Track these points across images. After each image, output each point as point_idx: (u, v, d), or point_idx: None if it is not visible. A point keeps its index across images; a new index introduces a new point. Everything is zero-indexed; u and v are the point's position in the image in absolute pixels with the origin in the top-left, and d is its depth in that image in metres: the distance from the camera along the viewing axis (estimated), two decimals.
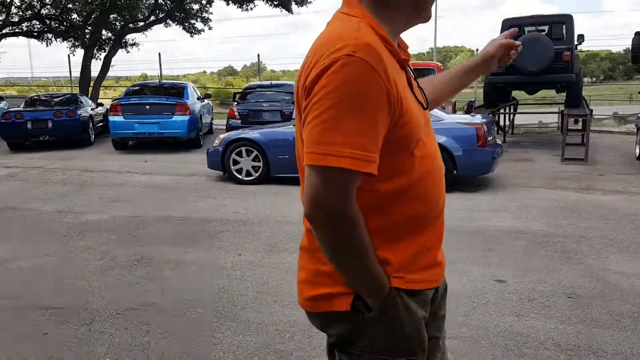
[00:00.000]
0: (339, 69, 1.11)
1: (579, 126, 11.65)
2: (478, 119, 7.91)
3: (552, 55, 10.60)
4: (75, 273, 4.40)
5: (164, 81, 14.46)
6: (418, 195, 1.27)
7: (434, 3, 1.30)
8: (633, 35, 14.72)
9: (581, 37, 11.54)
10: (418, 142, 1.25)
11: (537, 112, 16.45)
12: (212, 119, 14.63)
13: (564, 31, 11.72)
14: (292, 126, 8.35)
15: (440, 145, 7.05)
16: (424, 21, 1.31)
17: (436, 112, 7.99)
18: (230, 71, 73.34)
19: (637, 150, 9.95)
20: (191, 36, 16.74)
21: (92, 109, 13.54)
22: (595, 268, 4.33)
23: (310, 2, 16.43)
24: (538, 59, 10.51)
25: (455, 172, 7.21)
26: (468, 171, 7.35)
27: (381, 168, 1.18)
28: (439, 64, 13.36)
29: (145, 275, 4.30)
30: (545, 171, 8.87)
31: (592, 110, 10.70)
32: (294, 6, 16.73)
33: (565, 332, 3.22)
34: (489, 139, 7.39)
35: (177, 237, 5.38)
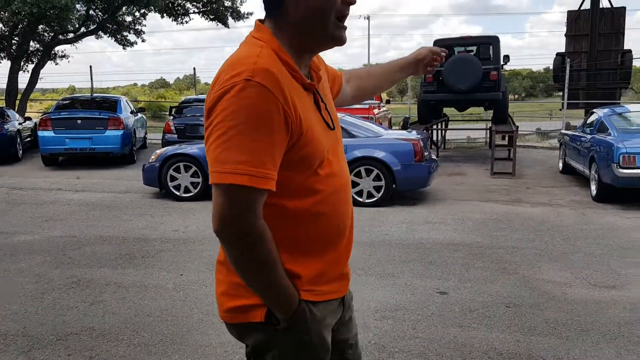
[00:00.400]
0: (237, 92, 1.18)
1: (506, 141, 12.26)
2: (415, 135, 8.15)
3: (480, 74, 11.12)
4: (9, 298, 4.15)
5: (96, 94, 13.96)
6: (325, 212, 1.34)
7: (344, 24, 1.34)
8: (554, 56, 15.80)
9: (507, 58, 12.17)
10: (322, 162, 1.31)
11: (466, 129, 17.15)
12: (145, 133, 14.25)
13: (491, 52, 12.33)
14: None
15: (379, 160, 7.33)
16: (338, 44, 1.35)
17: (375, 128, 8.19)
18: (162, 83, 71.82)
19: (561, 165, 10.56)
20: (124, 48, 16.30)
21: (20, 123, 12.87)
22: (529, 278, 4.54)
23: (247, 17, 16.43)
24: (468, 78, 11.00)
25: (394, 186, 7.39)
26: (406, 185, 7.55)
27: (287, 187, 1.26)
28: None
29: (84, 299, 4.11)
30: (477, 184, 9.24)
31: (518, 127, 11.27)
32: (230, 20, 16.65)
33: (506, 341, 3.36)
34: (425, 154, 7.63)
35: (115, 257, 5.18)
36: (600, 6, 15.09)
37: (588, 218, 6.78)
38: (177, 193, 7.96)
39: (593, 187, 7.97)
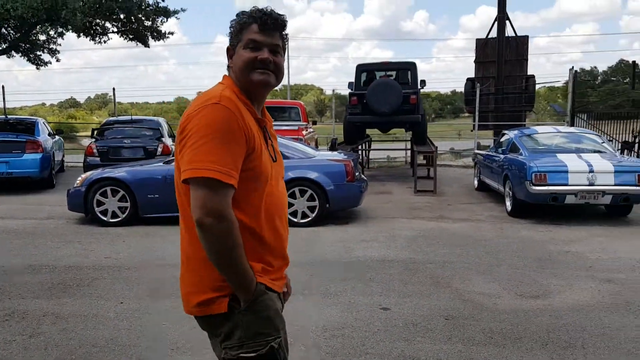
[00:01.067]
0: (207, 112, 1.57)
1: (425, 161, 12.89)
2: (346, 155, 8.43)
3: (401, 98, 11.70)
4: None
5: (10, 116, 13.17)
6: (269, 225, 1.71)
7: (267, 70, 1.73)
8: (465, 81, 16.87)
9: (423, 82, 12.88)
10: (266, 182, 1.69)
11: (387, 149, 17.83)
12: (63, 156, 13.61)
13: (409, 77, 12.99)
14: (161, 164, 8.15)
15: (312, 180, 7.50)
16: (264, 85, 1.74)
17: (307, 149, 8.37)
18: (72, 103, 68.55)
19: (476, 182, 11.26)
20: (37, 68, 15.49)
21: None
22: (462, 291, 4.84)
23: (168, 37, 16.23)
24: (389, 101, 11.54)
25: (327, 205, 7.58)
26: (339, 205, 7.77)
27: (239, 201, 1.61)
28: (301, 102, 14.04)
29: (21, 331, 3.91)
30: (403, 202, 9.65)
31: (437, 147, 11.91)
32: (150, 40, 16.35)
33: (450, 352, 3.58)
34: (356, 174, 7.91)
35: (49, 287, 4.95)
36: (506, 34, 16.34)
37: (506, 232, 7.30)
38: (104, 218, 7.70)
39: (508, 203, 8.59)
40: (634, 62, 12.42)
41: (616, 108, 22.55)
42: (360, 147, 13.88)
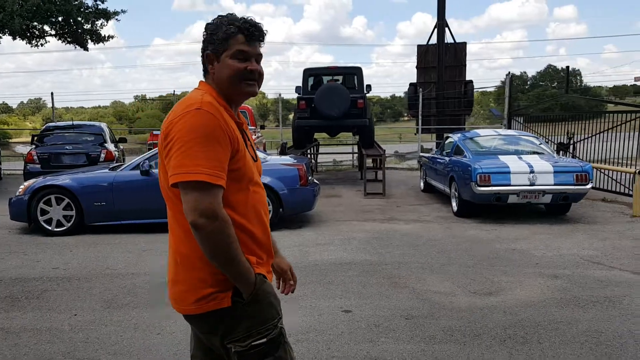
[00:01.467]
0: (190, 117, 1.61)
1: (373, 164, 13.12)
2: (298, 160, 8.46)
3: (349, 102, 11.86)
4: None
5: None
6: (258, 221, 1.78)
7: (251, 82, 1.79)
8: (408, 86, 17.29)
9: (369, 87, 13.11)
10: (250, 181, 1.75)
11: (334, 153, 18.00)
12: (0, 164, 12.92)
13: (356, 81, 13.20)
14: (106, 170, 7.91)
15: (265, 185, 7.47)
16: (251, 96, 1.82)
17: (259, 154, 8.33)
18: (4, 108, 65.07)
19: (422, 184, 11.56)
20: None
21: None
22: (418, 290, 4.98)
23: (108, 40, 15.71)
24: (338, 105, 11.67)
25: (281, 210, 7.58)
26: (293, 209, 7.79)
27: (229, 200, 1.66)
28: (249, 107, 13.94)
29: None
30: (354, 205, 9.79)
31: (384, 150, 12.15)
32: (89, 43, 15.76)
33: (412, 352, 3.68)
34: (309, 178, 7.95)
35: None
36: (445, 41, 16.88)
37: (454, 231, 7.54)
38: (49, 227, 7.39)
39: (454, 204, 8.88)
40: (567, 67, 13.11)
41: (545, 111, 23.75)
42: (308, 151, 13.96)
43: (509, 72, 14.00)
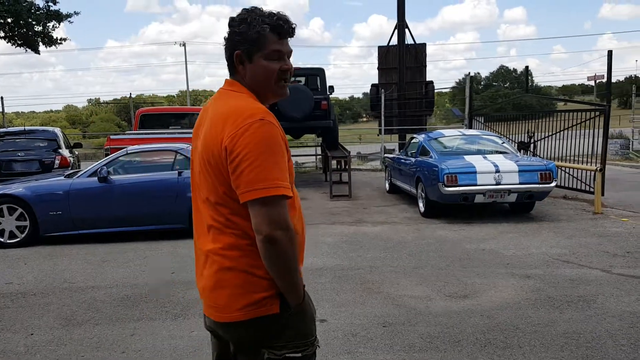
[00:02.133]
0: (257, 129, 1.55)
1: (337, 166, 13.03)
2: None
3: (312, 104, 11.72)
4: None
5: None
6: (300, 222, 1.76)
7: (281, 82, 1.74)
8: (370, 87, 17.31)
9: (332, 88, 13.02)
10: (294, 183, 1.72)
11: (298, 155, 17.82)
12: None
13: (319, 82, 13.09)
14: (62, 177, 7.54)
15: None
16: (282, 98, 1.80)
17: None
18: None
19: (387, 185, 11.54)
20: None
21: None
22: (393, 295, 4.88)
23: (61, 43, 15.08)
24: (301, 107, 11.52)
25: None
26: None
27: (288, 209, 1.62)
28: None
29: None
30: (321, 208, 9.66)
31: (349, 152, 12.07)
32: (41, 46, 15.09)
33: None
34: None
35: None
36: (406, 43, 16.97)
37: (423, 233, 7.51)
38: (1, 239, 6.99)
39: (421, 205, 8.87)
40: (526, 67, 13.33)
41: (498, 111, 24.23)
42: None
43: (469, 72, 14.18)
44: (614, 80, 13.47)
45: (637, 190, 11.39)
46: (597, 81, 44.19)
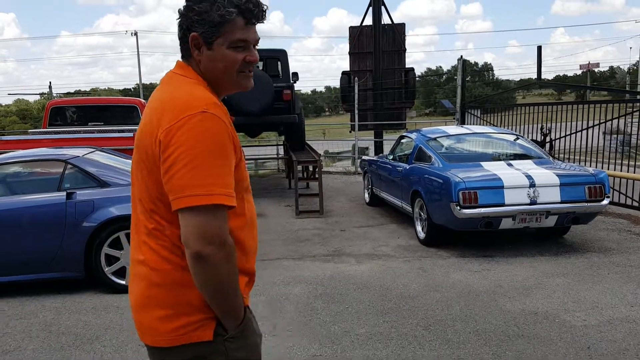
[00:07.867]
0: (197, 123, 1.32)
1: (301, 171, 10.63)
2: None
3: (272, 94, 9.24)
4: None
5: None
6: (250, 232, 1.52)
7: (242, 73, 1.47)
8: (341, 75, 14.88)
9: (295, 76, 10.58)
10: (247, 189, 1.52)
11: (255, 158, 15.21)
12: None
13: (280, 67, 10.67)
14: None
15: None
16: (243, 90, 1.54)
17: None
18: None
19: (367, 196, 9.21)
20: None
21: None
22: None
23: None
24: (259, 98, 9.00)
25: None
26: None
27: (235, 215, 1.42)
28: (143, 100, 10.84)
29: None
30: (284, 231, 7.24)
31: (320, 155, 9.66)
32: None
33: None
34: None
35: None
36: (382, 22, 14.60)
37: (432, 276, 5.22)
38: None
39: (419, 228, 6.57)
40: (539, 47, 11.20)
41: (500, 101, 22.11)
42: None
43: (461, 57, 11.89)
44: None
45: None
46: (591, 69, 45.76)
